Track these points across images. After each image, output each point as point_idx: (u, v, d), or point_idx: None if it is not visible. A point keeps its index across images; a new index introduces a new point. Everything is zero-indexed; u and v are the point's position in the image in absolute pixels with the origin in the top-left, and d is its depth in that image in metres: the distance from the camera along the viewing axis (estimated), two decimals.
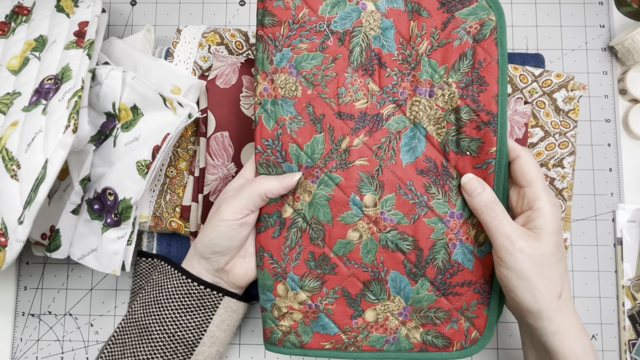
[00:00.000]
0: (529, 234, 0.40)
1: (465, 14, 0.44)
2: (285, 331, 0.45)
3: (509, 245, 0.39)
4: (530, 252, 0.39)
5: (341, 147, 0.44)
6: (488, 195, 0.42)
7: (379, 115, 0.44)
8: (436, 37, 0.44)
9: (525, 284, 0.39)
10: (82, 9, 0.49)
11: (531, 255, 0.39)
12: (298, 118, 0.44)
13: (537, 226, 0.40)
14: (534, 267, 0.39)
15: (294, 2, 0.44)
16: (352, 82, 0.44)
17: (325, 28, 0.44)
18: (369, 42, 0.44)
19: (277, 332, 0.45)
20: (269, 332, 0.45)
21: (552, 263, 0.39)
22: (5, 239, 0.43)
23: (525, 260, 0.39)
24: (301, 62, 0.44)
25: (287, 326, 0.45)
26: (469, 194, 0.42)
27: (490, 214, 0.41)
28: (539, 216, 0.40)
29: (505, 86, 0.43)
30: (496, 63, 0.43)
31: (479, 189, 0.42)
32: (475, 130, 0.43)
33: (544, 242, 0.39)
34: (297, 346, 0.45)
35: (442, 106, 0.44)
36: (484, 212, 0.41)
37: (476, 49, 0.43)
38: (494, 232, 0.40)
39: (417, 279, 0.43)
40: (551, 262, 0.39)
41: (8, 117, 0.46)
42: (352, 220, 0.44)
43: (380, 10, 0.45)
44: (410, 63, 0.44)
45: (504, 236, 0.40)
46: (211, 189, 0.48)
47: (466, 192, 0.43)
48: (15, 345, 0.54)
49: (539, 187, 0.41)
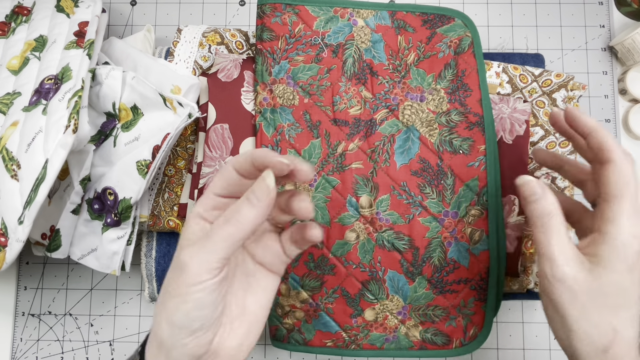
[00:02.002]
0: (583, 262, 0.32)
1: (445, 30, 0.49)
2: (289, 328, 0.46)
3: (548, 270, 0.32)
4: (572, 285, 0.31)
5: (337, 152, 0.46)
6: (544, 205, 0.33)
7: (373, 120, 0.47)
8: (422, 49, 0.48)
9: (560, 319, 0.32)
10: (82, 9, 0.49)
11: (573, 289, 0.31)
12: (296, 125, 0.46)
13: (597, 254, 0.31)
14: (576, 303, 0.31)
15: (290, 18, 0.48)
16: (346, 91, 0.47)
17: (320, 42, 0.48)
18: (361, 54, 0.48)
19: (282, 330, 0.46)
20: (275, 329, 0.46)
21: (605, 307, 0.31)
22: (5, 239, 0.43)
23: (565, 293, 0.31)
24: (298, 73, 0.47)
25: (291, 324, 0.46)
26: (524, 198, 0.34)
27: (540, 228, 0.33)
28: (604, 242, 0.31)
29: (486, 91, 0.48)
30: (476, 72, 0.48)
31: (536, 194, 0.33)
32: (466, 130, 0.46)
33: (600, 277, 0.31)
34: (301, 343, 0.46)
35: (433, 109, 0.47)
36: (535, 225, 0.33)
37: (458, 60, 0.48)
38: (538, 251, 0.33)
39: (415, 277, 0.44)
40: (603, 304, 0.31)
41: (8, 117, 0.46)
42: (349, 221, 0.44)
43: (370, 25, 0.49)
44: (401, 72, 0.48)
45: (548, 259, 0.32)
46: (206, 182, 0.48)
47: (522, 196, 0.34)
48: (15, 345, 0.54)
49: (621, 208, 0.31)
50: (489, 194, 0.45)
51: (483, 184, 0.45)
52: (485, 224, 0.45)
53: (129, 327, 0.54)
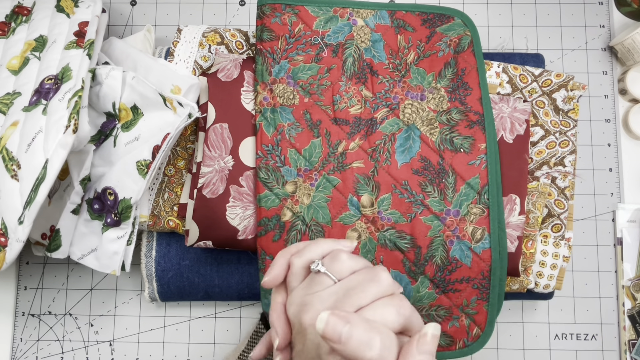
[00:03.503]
0: None
1: (444, 29, 0.49)
2: None
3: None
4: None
5: (338, 151, 0.46)
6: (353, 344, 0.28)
7: (373, 119, 0.47)
8: (422, 48, 0.48)
9: None
10: (82, 9, 0.49)
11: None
12: (296, 124, 0.46)
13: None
14: None
15: (290, 18, 0.48)
16: (346, 90, 0.47)
17: (320, 41, 0.48)
18: (361, 53, 0.48)
19: None
20: None
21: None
22: (5, 239, 0.43)
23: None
24: (298, 72, 0.47)
25: None
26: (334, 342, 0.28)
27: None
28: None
29: (486, 90, 0.48)
30: (476, 71, 0.48)
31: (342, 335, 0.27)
32: (466, 129, 0.46)
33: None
34: None
35: (434, 108, 0.47)
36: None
37: (457, 59, 0.48)
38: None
39: (417, 277, 0.44)
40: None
41: (8, 117, 0.46)
42: (351, 220, 0.44)
43: (369, 25, 0.49)
44: (401, 71, 0.48)
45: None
46: (205, 182, 0.48)
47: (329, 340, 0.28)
48: (15, 345, 0.54)
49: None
50: (490, 192, 0.45)
51: (484, 182, 0.45)
52: (487, 222, 0.45)
53: (129, 327, 0.54)
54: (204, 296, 0.52)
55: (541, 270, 0.49)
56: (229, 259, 0.51)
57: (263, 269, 0.45)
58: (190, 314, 0.55)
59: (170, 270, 0.51)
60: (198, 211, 0.46)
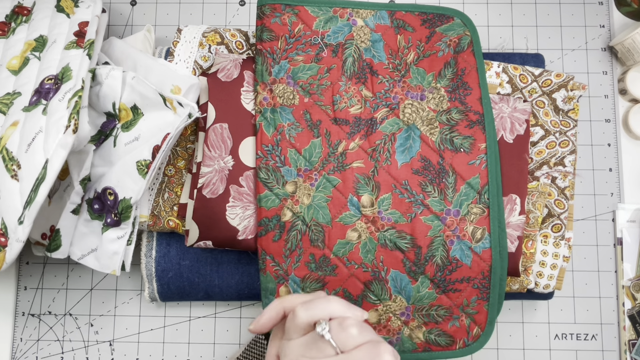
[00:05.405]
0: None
1: (444, 29, 0.49)
2: None
3: None
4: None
5: (338, 151, 0.46)
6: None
7: (373, 119, 0.47)
8: (421, 48, 0.49)
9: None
10: (82, 9, 0.49)
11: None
12: (296, 124, 0.46)
13: None
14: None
15: (290, 18, 0.48)
16: (346, 90, 0.47)
17: (320, 41, 0.48)
18: (361, 53, 0.48)
19: None
20: None
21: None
22: (5, 239, 0.43)
23: None
24: (298, 72, 0.47)
25: None
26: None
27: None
28: None
29: (486, 89, 0.48)
30: (476, 71, 0.48)
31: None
32: (466, 129, 0.46)
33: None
34: None
35: (434, 108, 0.47)
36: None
37: (457, 59, 0.49)
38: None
39: (417, 277, 0.44)
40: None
41: (8, 117, 0.46)
42: (351, 220, 0.44)
43: (369, 25, 0.49)
44: (400, 71, 0.48)
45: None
46: (205, 182, 0.48)
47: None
48: (15, 345, 0.54)
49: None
50: (490, 192, 0.45)
51: (484, 181, 0.45)
52: (487, 222, 0.45)
53: (128, 327, 0.54)
54: (204, 296, 0.52)
55: (541, 270, 0.49)
56: (229, 259, 0.51)
57: (263, 269, 0.45)
58: (190, 314, 0.55)
59: (170, 270, 0.51)
60: (198, 211, 0.46)
